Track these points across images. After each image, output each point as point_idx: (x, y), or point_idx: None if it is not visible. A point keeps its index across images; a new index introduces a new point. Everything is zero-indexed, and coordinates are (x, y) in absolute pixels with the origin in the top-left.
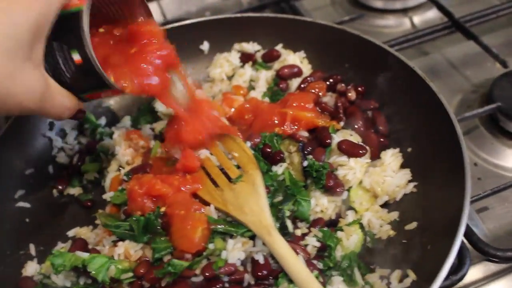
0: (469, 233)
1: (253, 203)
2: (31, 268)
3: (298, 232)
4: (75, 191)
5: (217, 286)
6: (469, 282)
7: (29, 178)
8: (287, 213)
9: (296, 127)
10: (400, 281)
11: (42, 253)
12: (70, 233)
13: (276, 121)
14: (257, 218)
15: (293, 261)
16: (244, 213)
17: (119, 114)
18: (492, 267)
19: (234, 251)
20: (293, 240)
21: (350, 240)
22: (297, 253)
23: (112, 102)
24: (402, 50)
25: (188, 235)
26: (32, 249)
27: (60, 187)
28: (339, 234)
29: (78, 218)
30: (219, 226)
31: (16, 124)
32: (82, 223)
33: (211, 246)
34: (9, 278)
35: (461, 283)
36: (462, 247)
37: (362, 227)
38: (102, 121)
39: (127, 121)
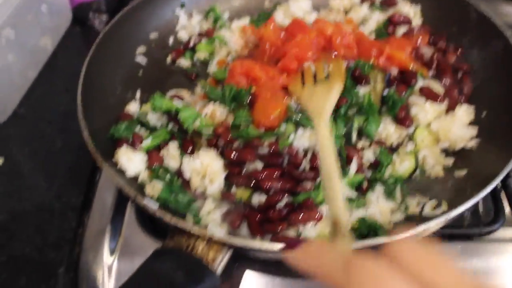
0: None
1: (321, 98)
2: (132, 107)
3: (360, 144)
4: (185, 63)
5: (278, 160)
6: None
7: (152, 41)
8: (356, 125)
9: (389, 65)
10: (433, 209)
11: (144, 100)
12: (171, 93)
13: (373, 54)
14: (319, 108)
15: (326, 147)
16: (310, 101)
17: (241, 13)
18: None
19: (301, 139)
20: (354, 148)
21: (402, 165)
22: (353, 156)
23: (238, 3)
24: None
25: (267, 111)
26: (137, 93)
27: (174, 55)
28: (394, 157)
29: (181, 84)
30: (295, 116)
31: None
32: (182, 88)
33: (283, 127)
34: (114, 109)
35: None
36: (502, 207)
37: (416, 159)
38: (226, 15)
39: (246, 20)
